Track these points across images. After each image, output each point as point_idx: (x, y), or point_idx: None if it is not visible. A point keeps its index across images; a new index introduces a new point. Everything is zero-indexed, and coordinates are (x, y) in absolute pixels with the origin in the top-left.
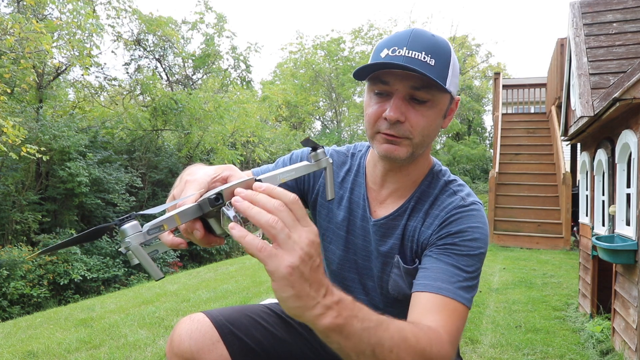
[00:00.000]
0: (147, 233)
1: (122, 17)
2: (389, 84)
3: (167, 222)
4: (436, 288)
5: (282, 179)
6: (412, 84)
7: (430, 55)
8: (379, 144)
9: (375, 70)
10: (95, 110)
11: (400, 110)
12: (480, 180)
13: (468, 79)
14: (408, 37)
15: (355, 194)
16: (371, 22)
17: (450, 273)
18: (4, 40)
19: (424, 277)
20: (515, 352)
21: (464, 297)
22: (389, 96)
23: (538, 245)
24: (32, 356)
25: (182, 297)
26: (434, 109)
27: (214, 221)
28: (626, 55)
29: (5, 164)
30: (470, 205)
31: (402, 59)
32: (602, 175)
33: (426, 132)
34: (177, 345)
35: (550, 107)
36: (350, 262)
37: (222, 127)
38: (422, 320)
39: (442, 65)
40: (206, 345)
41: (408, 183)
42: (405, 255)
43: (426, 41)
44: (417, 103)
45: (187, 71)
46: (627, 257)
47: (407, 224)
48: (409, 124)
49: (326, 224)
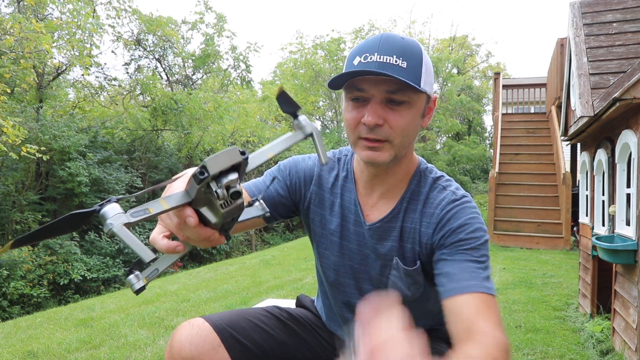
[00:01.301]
0: (130, 215)
1: (122, 17)
2: (364, 91)
3: (152, 206)
4: (466, 287)
5: (270, 154)
6: (387, 88)
7: (402, 58)
8: (361, 150)
9: (349, 78)
10: (95, 110)
11: (377, 114)
12: (480, 180)
13: (468, 79)
14: (378, 42)
15: (346, 199)
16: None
17: (470, 269)
18: (3, 40)
19: (450, 281)
20: (515, 352)
21: (490, 288)
22: (365, 102)
23: (538, 245)
24: (32, 356)
25: (182, 297)
26: (411, 110)
27: (207, 210)
28: (626, 55)
29: (5, 164)
30: (462, 198)
31: (375, 65)
32: (602, 175)
33: (406, 132)
34: (177, 350)
35: (550, 107)
36: (345, 268)
37: (222, 127)
38: (474, 329)
39: (414, 67)
40: (207, 349)
41: (396, 183)
42: (405, 257)
43: (396, 44)
44: (394, 105)
45: (187, 71)
46: (627, 257)
47: (404, 226)
48: (389, 126)
49: (320, 231)
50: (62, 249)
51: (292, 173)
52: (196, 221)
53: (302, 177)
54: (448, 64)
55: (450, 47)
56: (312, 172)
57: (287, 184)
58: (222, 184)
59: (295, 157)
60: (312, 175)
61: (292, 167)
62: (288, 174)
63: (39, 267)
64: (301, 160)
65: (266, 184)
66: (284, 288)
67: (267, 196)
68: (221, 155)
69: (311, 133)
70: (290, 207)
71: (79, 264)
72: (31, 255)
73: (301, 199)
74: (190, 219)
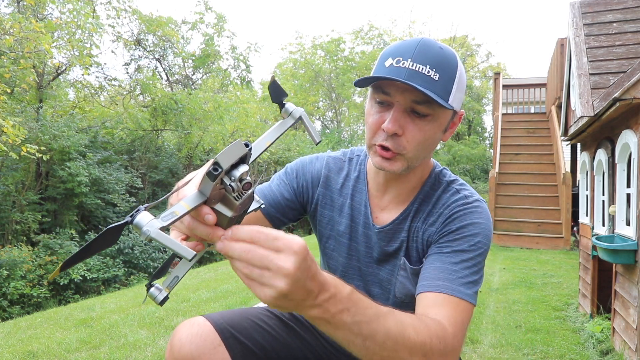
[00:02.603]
0: (162, 220)
1: (122, 17)
2: (390, 95)
3: (177, 209)
4: (436, 287)
5: (267, 142)
6: (413, 98)
7: (435, 69)
8: (374, 156)
9: (376, 82)
10: (95, 110)
11: (398, 123)
12: (480, 180)
13: (468, 79)
14: (414, 48)
15: (356, 200)
16: (371, 22)
17: (449, 271)
18: (3, 40)
19: (425, 278)
20: (515, 352)
21: (465, 293)
22: (389, 106)
23: (538, 245)
24: (32, 356)
25: (182, 297)
26: (433, 124)
27: (221, 205)
28: (626, 55)
29: (5, 164)
30: (474, 202)
31: (405, 72)
32: (602, 175)
33: (422, 146)
34: (177, 350)
35: (550, 107)
36: (353, 269)
37: (222, 127)
38: (426, 314)
39: (446, 80)
40: (207, 349)
41: (409, 188)
42: (411, 256)
43: (433, 54)
44: (416, 116)
45: (187, 71)
46: (627, 257)
47: (412, 225)
48: (406, 138)
49: (328, 232)
50: (62, 249)
51: (299, 175)
52: (214, 218)
53: (309, 179)
54: None
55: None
56: (319, 173)
57: (294, 186)
58: (235, 177)
59: (302, 158)
60: (319, 176)
61: (299, 169)
62: (295, 177)
63: (39, 267)
64: (308, 162)
65: (272, 189)
66: None
67: (274, 201)
68: (229, 150)
69: (300, 117)
70: (298, 210)
71: (78, 264)
72: (31, 255)
73: (309, 201)
74: (209, 216)
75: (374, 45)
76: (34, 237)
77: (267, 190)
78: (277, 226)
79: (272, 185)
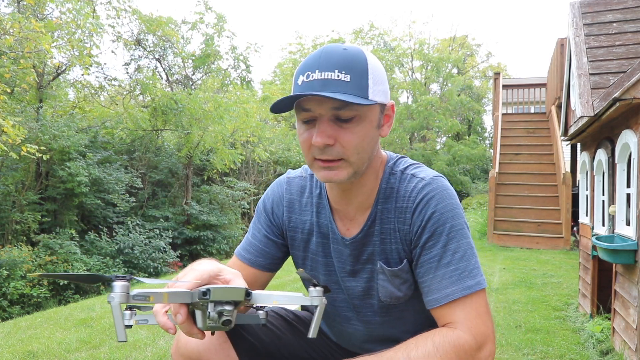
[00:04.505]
0: (132, 297)
1: (122, 17)
2: (311, 111)
3: (155, 295)
4: (445, 297)
5: (275, 301)
6: (332, 105)
7: (345, 71)
8: (318, 171)
9: (289, 101)
10: (95, 110)
11: (326, 134)
12: (480, 180)
13: (468, 79)
14: (319, 58)
15: (322, 217)
16: (372, 22)
17: (446, 275)
18: (3, 40)
19: (431, 291)
20: (515, 352)
21: (471, 286)
22: (315, 121)
23: (538, 245)
24: (32, 356)
25: None
26: (363, 123)
27: (199, 314)
28: (626, 55)
29: (5, 164)
30: (431, 183)
31: (317, 83)
32: (602, 175)
33: (360, 148)
34: (183, 345)
35: (550, 107)
36: (334, 284)
37: (222, 127)
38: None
39: (358, 78)
40: (213, 345)
41: (368, 191)
42: (388, 259)
43: (337, 57)
44: (343, 122)
45: (187, 71)
46: (627, 257)
47: (383, 228)
48: (340, 145)
49: (302, 254)
50: (62, 249)
51: (267, 209)
52: (184, 319)
53: (275, 206)
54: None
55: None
56: (281, 199)
57: (269, 223)
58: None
59: (265, 192)
60: (282, 202)
61: (266, 204)
62: (264, 212)
63: (39, 267)
64: (270, 193)
65: (252, 242)
66: (284, 288)
67: (260, 253)
68: (228, 290)
69: (317, 306)
70: (284, 242)
71: (78, 264)
72: (31, 255)
73: (283, 229)
74: (179, 316)
75: (374, 45)
76: (33, 237)
77: (249, 246)
78: (278, 266)
79: (250, 236)
